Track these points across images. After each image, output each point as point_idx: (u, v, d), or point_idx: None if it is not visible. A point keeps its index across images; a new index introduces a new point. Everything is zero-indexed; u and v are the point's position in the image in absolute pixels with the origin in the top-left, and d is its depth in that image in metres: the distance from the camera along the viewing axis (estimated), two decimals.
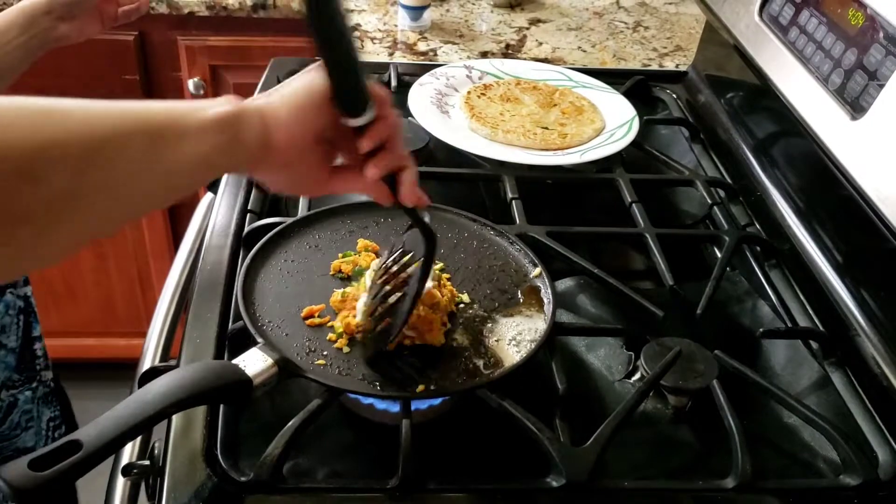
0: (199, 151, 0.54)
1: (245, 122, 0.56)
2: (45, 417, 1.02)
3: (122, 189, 0.51)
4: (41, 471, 0.50)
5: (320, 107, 0.59)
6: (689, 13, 1.68)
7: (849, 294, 0.84)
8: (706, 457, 0.74)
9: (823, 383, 0.80)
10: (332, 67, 0.57)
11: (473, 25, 1.58)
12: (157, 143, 0.52)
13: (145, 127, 0.52)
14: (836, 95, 0.83)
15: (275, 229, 0.82)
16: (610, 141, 1.09)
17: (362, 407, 0.72)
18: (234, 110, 0.56)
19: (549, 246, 0.89)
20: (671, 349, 0.76)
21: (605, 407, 0.75)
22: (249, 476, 0.62)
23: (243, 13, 1.59)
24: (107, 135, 0.50)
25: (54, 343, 1.98)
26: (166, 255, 1.87)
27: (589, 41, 1.54)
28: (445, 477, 0.65)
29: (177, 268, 0.99)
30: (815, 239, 0.91)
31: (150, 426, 0.57)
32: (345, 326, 0.71)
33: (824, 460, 0.73)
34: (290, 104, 0.59)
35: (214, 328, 0.76)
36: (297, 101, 0.59)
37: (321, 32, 0.56)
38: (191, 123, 0.53)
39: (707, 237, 1.05)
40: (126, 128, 0.51)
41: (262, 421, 0.70)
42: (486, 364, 0.70)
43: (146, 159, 0.51)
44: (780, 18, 0.96)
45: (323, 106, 0.59)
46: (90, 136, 0.49)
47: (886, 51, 0.77)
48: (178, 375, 0.59)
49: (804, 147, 0.92)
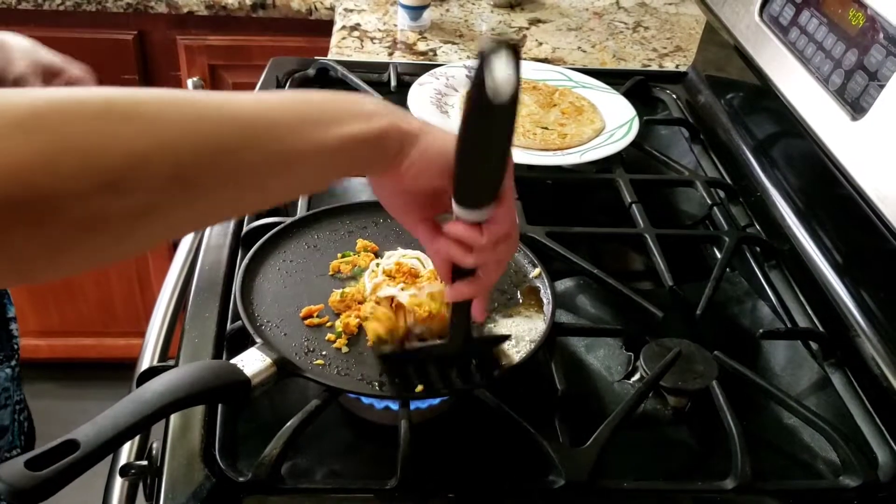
0: (326, 165, 0.51)
1: (392, 138, 0.54)
2: (15, 399, 1.03)
3: (213, 204, 0.47)
4: (38, 470, 0.50)
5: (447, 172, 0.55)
6: (689, 13, 1.68)
7: (849, 295, 0.84)
8: (706, 457, 0.74)
9: (823, 384, 0.80)
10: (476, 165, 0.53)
11: (473, 25, 1.57)
12: (270, 159, 0.48)
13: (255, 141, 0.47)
14: (836, 96, 0.83)
15: (274, 229, 0.82)
16: (610, 141, 1.09)
17: (361, 407, 0.71)
18: (384, 129, 0.53)
19: (548, 246, 0.89)
20: (671, 350, 0.75)
21: (604, 407, 0.75)
22: (248, 476, 0.62)
23: (242, 12, 1.59)
24: (207, 152, 0.45)
25: (53, 343, 2.00)
26: (165, 254, 1.87)
27: (589, 41, 1.54)
28: (444, 477, 0.65)
29: (175, 267, 0.99)
30: (814, 239, 0.91)
31: (148, 426, 0.57)
32: (344, 327, 0.71)
33: (824, 461, 0.73)
34: (433, 151, 0.55)
35: (213, 328, 0.75)
36: (440, 152, 0.55)
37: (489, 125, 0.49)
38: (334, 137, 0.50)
39: (707, 238, 1.05)
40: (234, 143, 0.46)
41: (260, 421, 0.70)
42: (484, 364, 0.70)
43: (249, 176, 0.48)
44: (780, 19, 0.96)
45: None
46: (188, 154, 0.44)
47: (887, 51, 0.77)
48: (177, 375, 0.59)
49: (804, 147, 0.92)
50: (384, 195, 0.62)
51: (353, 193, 1.04)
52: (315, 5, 1.60)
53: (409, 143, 0.55)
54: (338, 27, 1.52)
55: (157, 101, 0.44)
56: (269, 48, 1.56)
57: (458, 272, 0.60)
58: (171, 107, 0.44)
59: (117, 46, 1.62)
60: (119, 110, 0.42)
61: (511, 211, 0.58)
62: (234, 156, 0.46)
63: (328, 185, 0.55)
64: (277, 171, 0.48)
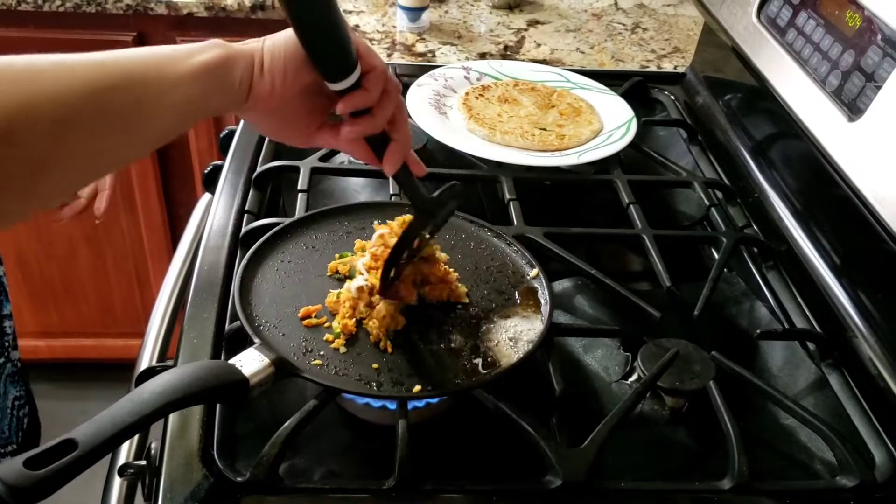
0: (186, 98, 0.54)
1: (233, 67, 0.57)
2: (11, 396, 1.03)
3: (105, 144, 0.51)
4: (36, 469, 0.50)
5: (306, 61, 0.59)
6: (687, 15, 1.68)
7: (846, 295, 0.84)
8: (703, 458, 0.74)
9: (820, 385, 0.80)
10: (299, 30, 0.57)
11: (472, 27, 1.58)
12: (141, 97, 0.52)
13: (127, 81, 0.52)
14: (833, 97, 0.83)
15: (272, 230, 0.82)
16: (608, 142, 1.09)
17: (359, 407, 0.72)
18: (223, 56, 0.56)
19: (546, 247, 0.89)
20: (668, 350, 0.76)
21: (601, 408, 0.75)
22: (246, 476, 0.62)
23: (241, 14, 1.59)
24: (84, 94, 0.49)
25: (53, 343, 2.00)
26: (164, 255, 1.87)
27: (587, 42, 1.55)
28: (442, 477, 0.65)
29: (174, 268, 0.99)
30: (812, 240, 0.91)
31: (147, 425, 0.57)
32: (342, 327, 0.71)
33: (821, 461, 0.73)
34: (278, 54, 0.58)
35: (211, 328, 0.76)
36: (285, 52, 0.58)
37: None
38: (178, 72, 0.54)
39: (704, 238, 1.05)
40: (105, 83, 0.51)
41: (258, 421, 0.70)
42: (483, 364, 0.70)
43: (129, 113, 0.52)
44: (777, 20, 0.97)
45: (308, 62, 0.59)
46: (67, 98, 0.49)
47: (884, 52, 0.77)
48: (175, 375, 0.59)
49: (802, 149, 0.92)
50: (270, 125, 0.65)
51: (352, 194, 1.05)
52: None
53: (255, 63, 0.58)
54: None
55: (28, 58, 0.48)
56: None
57: (376, 146, 0.65)
58: (43, 61, 0.49)
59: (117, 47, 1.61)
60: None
61: (370, 52, 0.61)
62: (113, 94, 0.50)
63: (192, 123, 0.59)
64: (150, 109, 0.53)
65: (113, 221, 1.83)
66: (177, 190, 1.81)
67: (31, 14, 1.56)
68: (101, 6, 1.56)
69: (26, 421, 1.06)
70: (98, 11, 1.56)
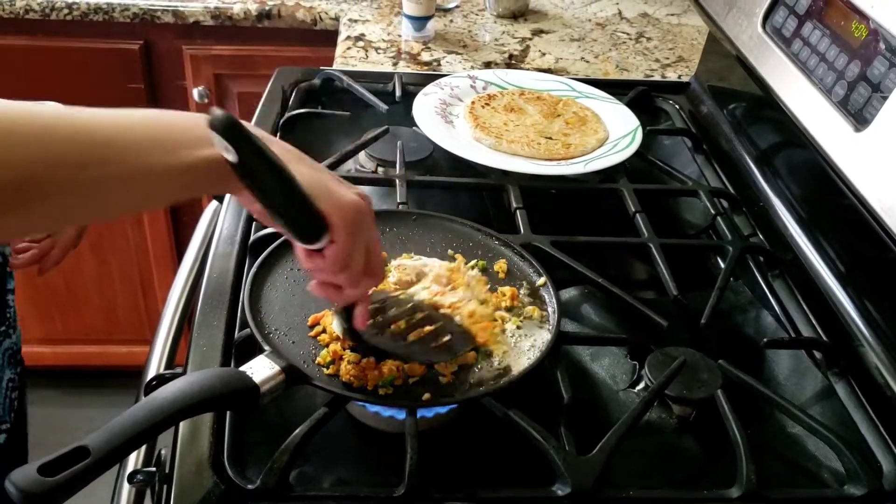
0: (185, 184, 0.57)
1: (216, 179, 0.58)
2: (6, 377, 1.03)
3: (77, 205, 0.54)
4: (50, 476, 0.50)
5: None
6: (691, 24, 1.69)
7: (852, 304, 0.84)
8: (711, 466, 0.74)
9: (827, 393, 0.80)
10: (271, 211, 0.59)
11: (477, 36, 1.59)
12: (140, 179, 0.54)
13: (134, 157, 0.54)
14: (839, 107, 0.84)
15: (281, 238, 0.82)
16: (613, 151, 1.09)
17: (368, 415, 0.72)
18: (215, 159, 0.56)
19: (553, 255, 0.89)
20: (675, 359, 0.76)
21: (609, 416, 0.76)
22: (256, 483, 0.62)
23: (248, 23, 1.60)
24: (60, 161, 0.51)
25: (57, 350, 2.00)
26: (169, 262, 1.88)
27: (592, 52, 1.55)
28: (451, 485, 0.65)
29: (181, 276, 1.00)
30: (818, 249, 0.92)
31: (158, 433, 0.57)
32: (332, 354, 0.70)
33: (828, 470, 0.73)
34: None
35: (221, 336, 0.76)
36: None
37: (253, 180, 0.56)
38: (182, 161, 0.55)
39: (710, 247, 1.06)
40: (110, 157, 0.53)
41: (268, 428, 0.70)
42: (491, 373, 0.70)
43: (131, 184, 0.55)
44: (783, 30, 0.97)
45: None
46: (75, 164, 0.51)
47: (889, 63, 0.78)
48: (186, 382, 0.60)
49: (807, 158, 0.92)
50: (253, 210, 0.67)
51: None
52: (320, 16, 1.61)
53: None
54: (342, 37, 1.53)
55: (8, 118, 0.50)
56: (274, 58, 1.57)
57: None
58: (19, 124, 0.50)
59: (124, 56, 1.63)
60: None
61: (342, 246, 0.61)
62: (80, 171, 0.52)
63: (176, 202, 0.61)
64: (122, 187, 0.54)
65: (118, 228, 1.83)
66: None
67: (38, 23, 1.57)
68: (108, 15, 1.57)
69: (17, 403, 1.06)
70: (105, 20, 1.57)
